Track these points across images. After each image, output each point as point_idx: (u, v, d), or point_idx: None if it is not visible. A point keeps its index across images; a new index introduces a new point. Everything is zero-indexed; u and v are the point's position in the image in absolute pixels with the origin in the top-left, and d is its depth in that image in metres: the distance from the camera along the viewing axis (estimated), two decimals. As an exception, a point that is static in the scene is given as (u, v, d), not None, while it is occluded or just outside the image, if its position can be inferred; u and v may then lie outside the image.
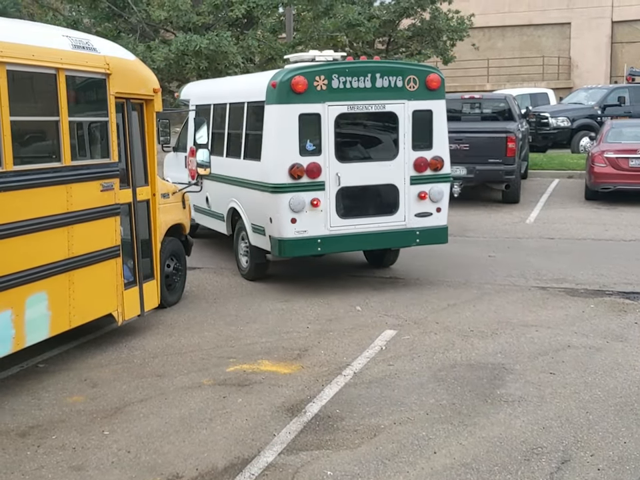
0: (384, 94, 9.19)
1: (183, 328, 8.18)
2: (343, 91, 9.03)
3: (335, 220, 9.15)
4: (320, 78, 8.90)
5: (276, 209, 8.99)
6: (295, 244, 9.04)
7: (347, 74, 9.06)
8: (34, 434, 5.62)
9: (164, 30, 20.10)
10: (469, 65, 36.10)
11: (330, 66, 9.20)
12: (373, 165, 9.36)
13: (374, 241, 9.48)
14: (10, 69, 5.99)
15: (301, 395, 6.30)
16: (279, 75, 9.08)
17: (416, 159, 9.36)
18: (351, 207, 9.25)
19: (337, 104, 9.02)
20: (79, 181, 6.88)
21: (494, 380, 6.58)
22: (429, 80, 9.41)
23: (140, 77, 7.96)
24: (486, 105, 17.52)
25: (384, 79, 9.19)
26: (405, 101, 9.29)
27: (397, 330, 7.94)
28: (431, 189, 9.46)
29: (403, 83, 9.27)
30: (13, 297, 6.09)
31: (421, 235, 9.54)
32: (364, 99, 9.14)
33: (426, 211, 9.48)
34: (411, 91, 9.30)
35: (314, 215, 8.99)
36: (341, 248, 9.62)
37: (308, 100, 8.89)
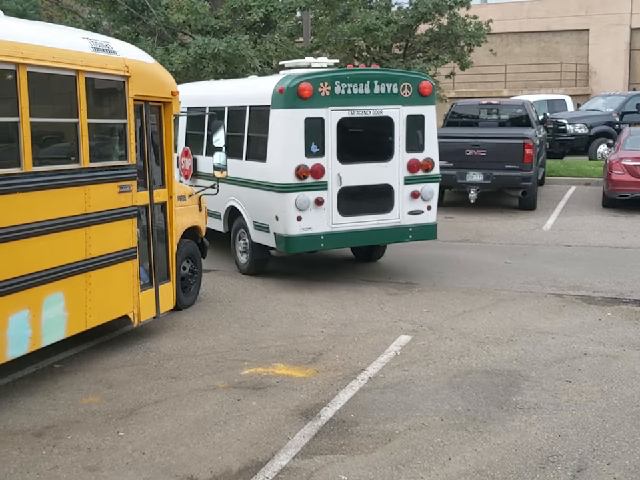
0: (381, 100, 9.82)
1: (197, 330, 8.20)
2: (345, 96, 9.62)
3: (337, 217, 9.70)
4: (324, 84, 9.46)
5: (283, 207, 9.48)
6: (300, 240, 9.56)
7: (347, 81, 9.63)
8: (49, 434, 5.65)
9: (182, 33, 20.16)
10: (487, 70, 36.02)
11: (333, 73, 9.78)
12: (370, 166, 9.88)
13: (371, 238, 10.11)
14: (31, 70, 6.03)
15: (315, 399, 6.30)
16: (286, 81, 9.53)
17: (409, 160, 10.01)
18: (350, 206, 9.79)
19: (339, 109, 9.60)
20: (97, 183, 6.91)
21: (509, 387, 6.55)
22: (421, 87, 10.04)
23: (158, 80, 7.99)
24: (503, 111, 17.47)
25: (381, 86, 9.79)
26: (400, 106, 9.91)
27: (412, 335, 7.92)
28: (422, 188, 10.12)
29: (398, 89, 9.89)
30: (31, 297, 6.13)
31: (413, 231, 10.20)
32: (363, 104, 9.72)
33: (418, 209, 10.14)
34: (405, 97, 9.95)
35: (317, 213, 9.54)
36: (342, 244, 10.22)
37: (313, 105, 9.43)
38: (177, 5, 17.27)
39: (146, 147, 7.77)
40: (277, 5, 17.64)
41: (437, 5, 24.41)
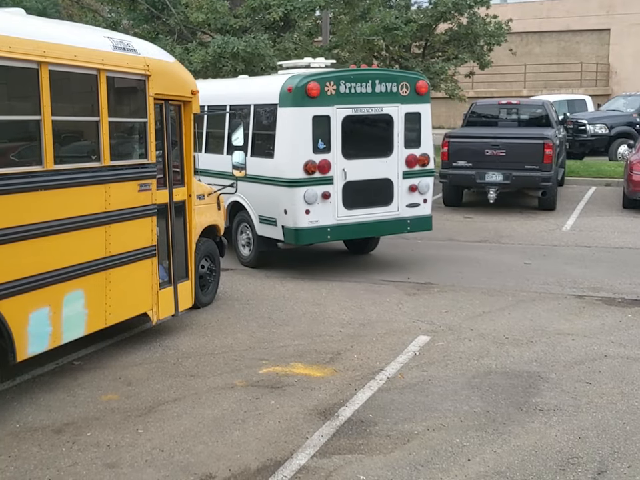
0: (382, 98, 10.32)
1: (216, 329, 8.22)
2: (349, 95, 10.08)
3: (342, 211, 10.16)
4: (330, 84, 9.93)
5: (292, 201, 9.90)
6: (309, 232, 10.02)
7: (352, 80, 10.11)
8: (69, 431, 5.68)
9: (201, 32, 20.21)
10: (506, 70, 35.86)
11: (338, 73, 10.27)
12: (372, 161, 10.37)
13: (373, 229, 10.66)
14: (52, 69, 6.07)
15: (333, 398, 6.29)
16: (294, 80, 9.96)
17: (407, 155, 10.56)
18: (354, 199, 10.24)
19: (344, 107, 10.07)
20: (117, 181, 6.94)
21: (529, 388, 6.51)
22: (418, 86, 10.64)
23: (179, 79, 8.01)
24: (523, 111, 17.36)
25: (382, 85, 10.31)
26: (399, 104, 10.46)
27: (430, 336, 7.89)
28: (419, 182, 10.68)
29: (397, 88, 10.43)
30: (51, 294, 6.16)
31: (411, 223, 10.76)
32: (365, 102, 10.21)
33: (415, 202, 10.70)
34: (404, 95, 10.50)
35: (324, 207, 9.99)
36: (347, 236, 10.74)
37: (320, 103, 9.88)
38: (197, 4, 17.31)
39: (165, 145, 7.79)
40: (296, 4, 17.64)
41: (457, 4, 24.32)
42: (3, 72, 5.80)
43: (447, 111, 37.44)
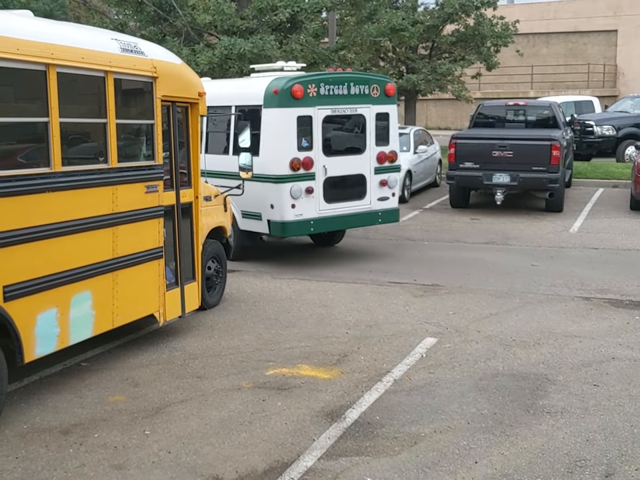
0: (356, 99, 11.12)
1: (222, 330, 8.22)
2: (328, 97, 10.83)
3: (323, 204, 10.87)
4: (312, 86, 10.63)
5: (279, 196, 10.50)
6: (294, 225, 10.67)
7: (330, 83, 10.85)
8: (76, 432, 5.68)
9: (208, 34, 20.25)
10: (513, 71, 35.82)
11: (318, 76, 11.04)
12: (348, 158, 11.17)
13: (349, 222, 11.43)
14: (60, 71, 6.08)
15: (340, 400, 6.29)
16: (280, 82, 10.56)
17: (378, 152, 11.36)
18: (333, 194, 10.97)
19: (324, 108, 10.82)
20: (125, 183, 6.95)
21: (536, 390, 6.49)
22: (387, 88, 11.45)
23: (186, 81, 8.03)
24: (530, 112, 17.32)
25: (356, 87, 11.11)
26: (371, 105, 11.27)
27: (437, 338, 7.88)
28: (389, 177, 11.52)
29: (369, 90, 11.24)
30: (59, 295, 6.17)
31: (382, 215, 11.59)
32: (342, 103, 11.01)
33: (385, 196, 11.51)
34: (375, 97, 11.31)
35: (308, 201, 10.66)
36: (327, 228, 11.36)
37: (303, 104, 10.55)
38: (204, 6, 17.35)
39: (172, 147, 7.80)
40: (303, 5, 17.67)
41: (464, 6, 24.34)
42: (11, 74, 5.81)
43: (453, 112, 37.42)
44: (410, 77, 25.25)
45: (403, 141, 18.76)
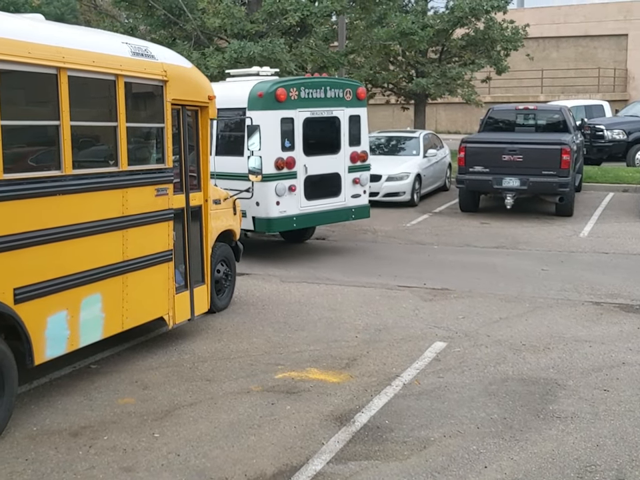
0: (331, 102, 11.85)
1: (231, 333, 8.22)
2: (308, 100, 11.51)
3: (304, 202, 11.51)
4: (293, 89, 11.27)
5: (264, 194, 10.97)
6: (279, 222, 11.27)
7: (309, 87, 11.56)
8: (86, 434, 5.70)
9: (218, 37, 20.28)
10: (523, 75, 35.74)
11: (298, 80, 11.76)
12: (325, 157, 11.84)
13: (327, 218, 12.13)
14: (71, 74, 6.10)
15: (349, 404, 6.28)
16: (264, 86, 11.17)
17: (351, 152, 12.11)
18: (313, 191, 11.60)
19: (304, 110, 11.48)
20: (135, 186, 6.97)
21: (546, 395, 6.47)
22: (358, 92, 12.27)
23: (196, 84, 8.04)
24: (540, 116, 17.27)
25: (332, 91, 11.84)
26: (344, 108, 12.04)
27: (447, 342, 7.86)
28: (361, 175, 12.29)
29: (343, 94, 12.01)
30: (69, 298, 6.19)
31: (355, 211, 12.33)
32: (320, 106, 11.70)
33: (357, 193, 12.28)
34: (348, 100, 12.07)
35: (291, 198, 11.26)
36: (308, 224, 12.19)
37: (286, 107, 11.18)
38: (214, 10, 17.37)
39: (182, 150, 7.82)
40: (312, 9, 17.68)
41: (474, 10, 24.29)
42: (23, 77, 5.84)
43: (463, 116, 37.38)
44: (419, 80, 25.22)
45: (412, 145, 18.81)
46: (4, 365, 5.58)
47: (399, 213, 16.63)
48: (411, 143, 18.97)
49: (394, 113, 36.07)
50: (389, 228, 14.94)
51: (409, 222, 15.61)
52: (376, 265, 11.70)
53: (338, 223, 15.31)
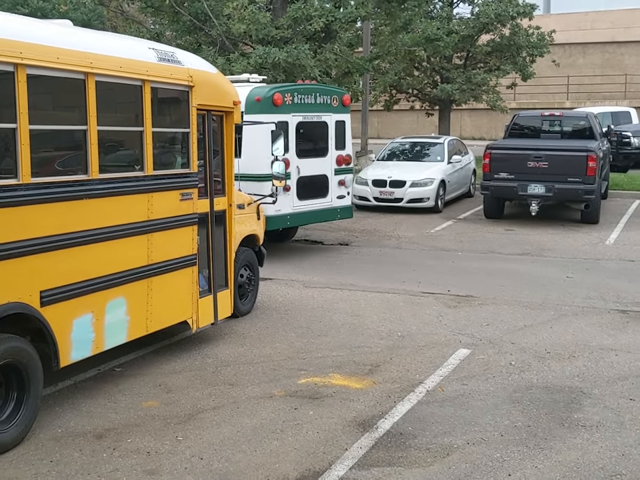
0: (321, 108, 12.57)
1: (254, 338, 8.24)
2: (300, 105, 12.17)
3: (296, 201, 12.17)
4: (288, 95, 11.94)
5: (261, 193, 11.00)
6: (275, 220, 11.69)
7: (301, 93, 12.23)
8: (110, 436, 5.73)
9: (243, 43, 20.37)
10: (549, 81, 35.52)
11: (292, 86, 12.50)
12: (315, 160, 12.49)
13: (315, 217, 12.79)
14: (99, 79, 6.16)
15: (372, 410, 6.26)
16: (261, 91, 11.76)
17: (337, 156, 12.81)
18: (304, 192, 12.22)
19: (297, 114, 12.16)
20: (160, 190, 7.01)
21: (571, 404, 6.41)
22: (343, 99, 13.01)
23: (221, 90, 8.08)
24: (566, 123, 17.15)
25: (321, 97, 12.57)
26: (332, 113, 12.78)
27: (471, 349, 7.82)
28: (345, 177, 13.01)
29: (330, 100, 12.74)
30: (94, 301, 6.24)
31: (340, 211, 13.12)
32: (311, 111, 12.40)
33: (342, 194, 13.03)
34: (335, 106, 12.83)
35: (285, 198, 11.75)
36: (300, 222, 12.86)
37: (281, 111, 11.72)
38: (239, 15, 17.45)
39: (207, 155, 7.86)
40: (337, 15, 17.70)
41: (499, 16, 24.21)
42: (51, 82, 5.91)
43: (488, 122, 37.21)
44: (444, 86, 25.17)
45: (437, 151, 18.77)
46: (29, 366, 5.64)
47: (423, 219, 16.58)
48: (436, 148, 18.93)
49: (418, 119, 36.00)
50: (413, 234, 14.90)
51: (432, 228, 15.56)
52: (399, 270, 11.67)
53: (362, 228, 15.35)
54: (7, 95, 5.40)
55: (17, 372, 5.57)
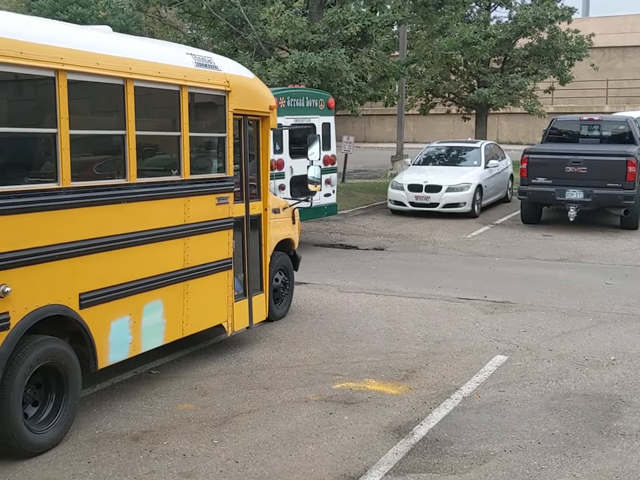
0: (309, 111, 13.40)
1: (289, 342, 8.24)
2: (292, 108, 13.01)
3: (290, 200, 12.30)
4: (282, 99, 12.63)
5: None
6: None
7: (293, 96, 13.04)
8: (146, 438, 5.77)
9: (279, 48, 20.45)
10: (587, 85, 35.14)
11: (286, 90, 13.33)
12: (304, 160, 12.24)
13: (307, 214, 12.70)
14: (137, 85, 6.23)
15: (408, 416, 6.22)
16: None
17: (324, 156, 13.25)
18: (296, 190, 12.58)
19: (290, 117, 12.96)
20: (197, 195, 7.06)
21: (610, 412, 6.31)
22: (328, 102, 13.91)
23: (257, 94, 8.12)
24: (605, 127, 16.93)
25: (309, 101, 13.44)
26: (319, 116, 13.64)
27: (508, 356, 7.74)
28: (331, 177, 13.90)
29: (317, 103, 13.62)
30: (132, 303, 6.30)
31: (327, 209, 13.94)
32: (301, 114, 13.15)
33: (329, 192, 13.85)
34: (321, 109, 13.71)
35: (280, 196, 11.72)
36: None
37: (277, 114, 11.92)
38: (275, 20, 17.52)
39: (243, 160, 7.89)
40: (374, 19, 17.69)
41: (537, 19, 24.00)
42: (91, 88, 5.98)
43: (525, 126, 36.92)
44: (481, 90, 25.01)
45: (473, 155, 18.65)
46: (68, 368, 5.70)
47: (460, 224, 16.48)
48: (472, 153, 18.80)
49: (454, 123, 35.82)
50: (449, 239, 14.81)
51: (469, 233, 15.46)
52: (435, 276, 11.60)
53: (397, 233, 15.30)
54: (48, 100, 5.49)
55: (56, 373, 5.64)
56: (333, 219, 16.89)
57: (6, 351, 5.13)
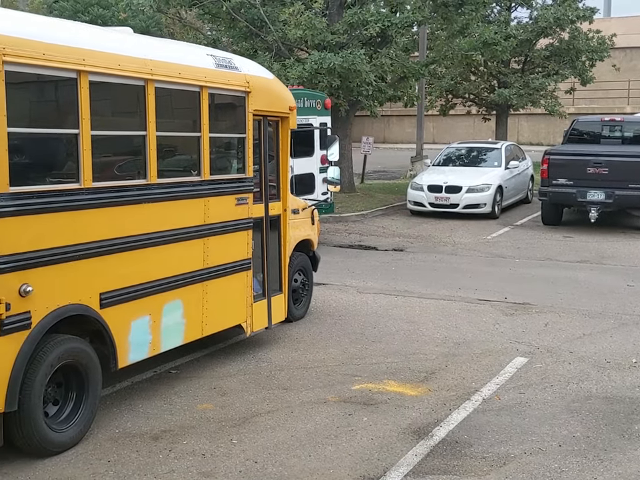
0: (307, 111, 13.58)
1: (308, 343, 8.24)
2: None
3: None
4: None
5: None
6: None
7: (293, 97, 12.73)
8: (166, 438, 5.79)
9: (298, 49, 20.45)
10: (609, 86, 34.88)
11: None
12: (304, 159, 13.14)
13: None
14: (158, 86, 6.25)
15: (427, 418, 6.20)
16: None
17: (321, 155, 13.37)
18: (296, 189, 12.21)
19: None
20: (216, 195, 7.08)
21: (631, 415, 6.25)
22: (325, 103, 14.16)
23: (277, 95, 8.13)
24: (627, 128, 16.78)
25: (307, 101, 13.69)
26: (316, 116, 13.83)
27: (528, 357, 7.69)
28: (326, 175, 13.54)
29: (314, 104, 13.85)
30: (152, 303, 6.32)
31: (324, 207, 13.72)
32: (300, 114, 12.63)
33: (325, 191, 13.54)
34: (318, 109, 13.93)
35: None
36: None
37: None
38: (295, 21, 17.53)
39: (262, 160, 7.90)
40: (393, 19, 17.64)
41: (559, 20, 23.85)
42: (112, 89, 6.01)
43: (546, 127, 36.71)
44: (502, 91, 24.89)
45: (494, 156, 18.56)
46: (89, 367, 5.73)
47: (480, 225, 16.41)
48: (493, 154, 18.72)
49: (475, 124, 35.68)
50: (469, 240, 14.76)
51: (489, 234, 15.39)
52: (455, 277, 11.56)
53: (417, 234, 15.26)
54: (70, 101, 5.52)
55: (77, 372, 5.68)
56: (352, 219, 16.88)
57: (27, 349, 5.17)
